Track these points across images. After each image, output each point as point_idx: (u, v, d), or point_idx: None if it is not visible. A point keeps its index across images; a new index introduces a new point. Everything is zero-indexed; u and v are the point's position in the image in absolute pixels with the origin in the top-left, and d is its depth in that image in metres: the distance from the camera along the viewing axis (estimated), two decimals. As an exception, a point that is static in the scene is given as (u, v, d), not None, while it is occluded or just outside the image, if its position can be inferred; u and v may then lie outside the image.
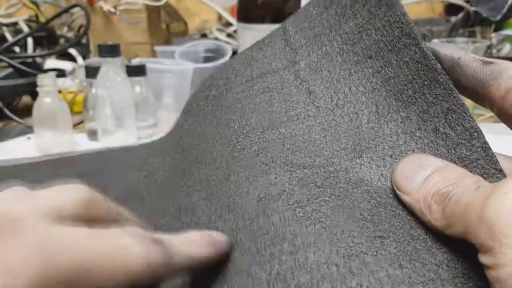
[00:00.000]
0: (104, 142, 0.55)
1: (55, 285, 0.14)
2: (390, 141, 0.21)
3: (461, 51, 0.21)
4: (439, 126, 0.20)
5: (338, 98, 0.23)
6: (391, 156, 0.21)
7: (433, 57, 0.21)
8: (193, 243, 0.19)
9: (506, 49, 0.88)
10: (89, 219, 0.17)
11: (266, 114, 0.23)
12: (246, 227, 0.20)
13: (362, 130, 0.22)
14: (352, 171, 0.21)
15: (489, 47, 0.87)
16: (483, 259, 0.15)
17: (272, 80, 0.25)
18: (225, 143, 0.24)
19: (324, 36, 0.24)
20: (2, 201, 0.17)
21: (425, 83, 0.21)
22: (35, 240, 0.14)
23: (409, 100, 0.21)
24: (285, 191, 0.20)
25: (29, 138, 0.59)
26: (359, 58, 0.23)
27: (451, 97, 0.20)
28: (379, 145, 0.21)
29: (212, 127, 0.26)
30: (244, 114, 0.24)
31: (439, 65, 0.21)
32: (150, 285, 0.17)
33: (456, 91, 0.20)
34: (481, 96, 0.21)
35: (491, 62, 0.21)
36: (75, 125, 0.62)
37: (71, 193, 0.18)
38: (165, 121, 0.63)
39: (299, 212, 0.19)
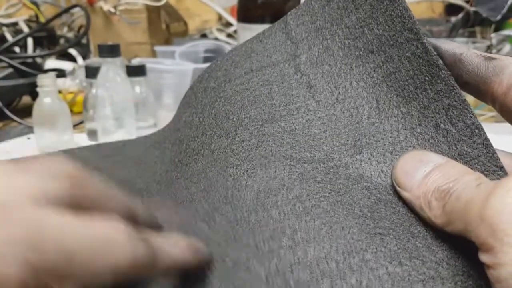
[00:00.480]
0: (104, 142, 0.56)
1: (42, 272, 0.13)
2: (390, 137, 0.21)
3: (463, 47, 0.21)
4: (440, 122, 0.20)
5: (339, 92, 0.22)
6: (392, 152, 0.21)
7: (434, 53, 0.20)
8: (177, 246, 0.19)
9: (506, 49, 0.88)
10: (76, 200, 0.16)
11: (265, 107, 0.23)
12: (244, 219, 0.20)
13: (363, 125, 0.22)
14: (352, 167, 0.21)
15: (489, 47, 0.87)
16: (484, 258, 0.15)
17: (272, 73, 0.24)
18: (223, 135, 0.24)
19: (325, 30, 0.24)
20: None
21: (427, 78, 0.21)
22: (22, 225, 0.14)
23: (410, 95, 0.21)
24: (284, 185, 0.20)
25: (29, 138, 0.59)
26: (361, 52, 0.22)
27: (453, 93, 0.20)
28: (379, 141, 0.21)
29: (210, 119, 0.25)
30: (243, 106, 0.24)
31: (440, 61, 0.20)
32: (133, 284, 0.16)
33: (458, 87, 0.20)
34: (483, 92, 0.21)
35: (493, 58, 0.20)
36: (75, 125, 0.62)
37: (58, 171, 0.16)
38: (165, 121, 0.63)
39: (298, 207, 0.19)
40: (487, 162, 0.19)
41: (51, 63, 0.84)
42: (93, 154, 0.41)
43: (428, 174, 0.19)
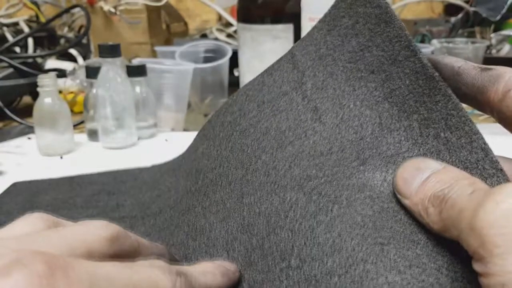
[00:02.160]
0: (104, 142, 0.56)
1: None
2: (393, 148, 0.22)
3: (461, 61, 0.22)
4: (440, 131, 0.21)
5: (343, 113, 0.23)
6: (394, 162, 0.22)
7: (431, 66, 0.21)
8: (209, 274, 0.21)
9: (505, 49, 0.88)
10: (115, 253, 0.19)
11: (276, 136, 0.25)
12: (259, 247, 0.21)
13: (366, 140, 0.22)
14: (355, 177, 0.22)
15: (489, 47, 0.87)
16: (476, 266, 0.16)
17: (282, 103, 0.26)
18: (239, 167, 0.25)
19: (328, 56, 0.25)
20: (31, 241, 0.17)
21: (425, 91, 0.21)
22: (84, 276, 0.15)
23: (411, 109, 0.22)
24: (291, 207, 0.21)
25: (29, 138, 0.59)
26: (362, 74, 0.23)
27: (450, 102, 0.21)
28: (382, 153, 0.22)
29: (227, 152, 0.27)
30: (256, 138, 0.25)
31: (437, 73, 0.21)
32: None
33: (455, 96, 0.21)
34: (481, 102, 0.21)
35: (489, 69, 0.21)
36: (75, 125, 0.62)
37: (96, 231, 0.19)
38: (165, 121, 0.63)
39: (304, 226, 0.20)
40: (486, 166, 0.20)
41: (52, 63, 0.84)
42: (110, 179, 0.43)
43: (425, 180, 0.19)
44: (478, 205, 0.16)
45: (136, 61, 0.69)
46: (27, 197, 0.40)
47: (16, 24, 0.97)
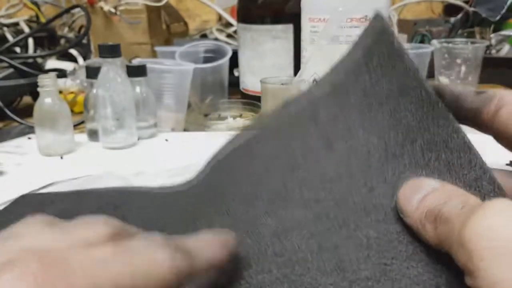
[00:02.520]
0: (105, 142, 0.56)
1: None
2: (397, 174, 0.23)
3: (460, 87, 0.25)
4: (441, 153, 0.23)
5: (353, 142, 0.25)
6: (399, 188, 0.23)
7: (434, 94, 0.23)
8: (209, 246, 0.20)
9: (505, 49, 0.88)
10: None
11: (288, 160, 0.26)
12: (262, 252, 0.22)
13: (374, 167, 0.24)
14: (363, 203, 0.23)
15: (488, 47, 0.88)
16: (467, 280, 0.16)
17: (295, 130, 0.27)
18: (247, 183, 0.27)
19: (342, 90, 0.27)
20: (28, 242, 0.17)
21: (429, 117, 0.23)
22: (79, 270, 0.15)
23: (415, 135, 0.23)
24: (300, 224, 0.22)
25: (29, 138, 0.59)
26: (373, 106, 0.25)
27: (451, 126, 0.23)
28: (388, 179, 0.23)
29: (234, 171, 0.28)
30: (266, 160, 0.27)
31: (440, 100, 0.23)
32: None
33: (455, 120, 0.23)
34: (478, 123, 0.24)
35: (484, 92, 0.24)
36: (75, 126, 0.62)
37: (95, 228, 0.18)
38: (165, 121, 0.63)
39: (311, 243, 0.22)
40: (485, 183, 0.21)
41: (52, 63, 0.84)
42: (117, 193, 0.43)
43: (423, 198, 0.20)
44: (466, 219, 0.16)
45: (136, 61, 0.69)
46: (35, 208, 0.40)
47: (16, 24, 0.97)
